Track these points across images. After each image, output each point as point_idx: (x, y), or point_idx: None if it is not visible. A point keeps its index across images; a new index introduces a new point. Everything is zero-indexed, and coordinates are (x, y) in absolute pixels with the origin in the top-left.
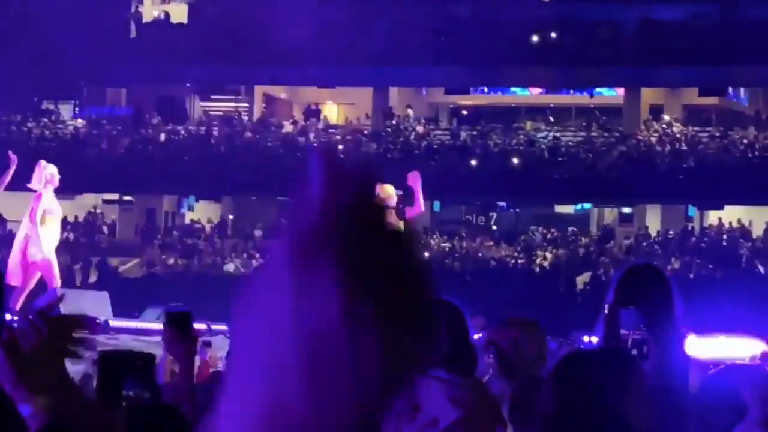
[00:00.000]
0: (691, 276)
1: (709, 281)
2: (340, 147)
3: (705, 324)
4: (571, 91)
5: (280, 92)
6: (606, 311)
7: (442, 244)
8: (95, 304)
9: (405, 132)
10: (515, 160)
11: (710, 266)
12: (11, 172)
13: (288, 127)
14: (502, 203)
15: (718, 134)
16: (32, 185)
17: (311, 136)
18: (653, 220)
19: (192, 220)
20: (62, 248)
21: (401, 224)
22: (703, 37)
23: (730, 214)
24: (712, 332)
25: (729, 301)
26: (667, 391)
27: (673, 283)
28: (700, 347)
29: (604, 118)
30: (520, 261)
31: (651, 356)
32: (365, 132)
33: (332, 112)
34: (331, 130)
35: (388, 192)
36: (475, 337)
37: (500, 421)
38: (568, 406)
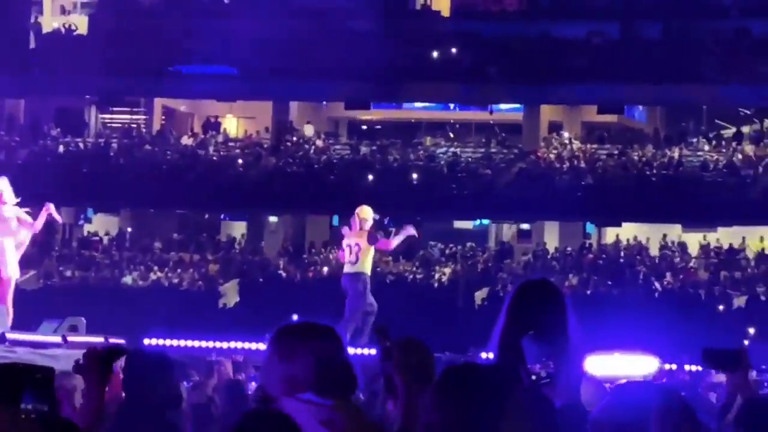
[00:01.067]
0: (589, 292)
1: (606, 298)
2: (240, 161)
3: (601, 341)
4: (471, 107)
5: (180, 105)
6: (500, 332)
7: None
8: None
9: (304, 146)
10: (415, 176)
11: (608, 283)
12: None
13: (187, 140)
14: (404, 218)
15: (616, 152)
16: None
17: (210, 149)
18: (551, 236)
19: (90, 232)
20: None
21: (368, 249)
22: (601, 54)
23: (628, 232)
24: (608, 349)
25: (625, 318)
26: (566, 410)
27: (568, 299)
28: (596, 365)
29: (504, 134)
30: (418, 276)
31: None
32: (265, 146)
33: (232, 125)
34: (230, 144)
35: (366, 214)
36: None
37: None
38: (448, 417)
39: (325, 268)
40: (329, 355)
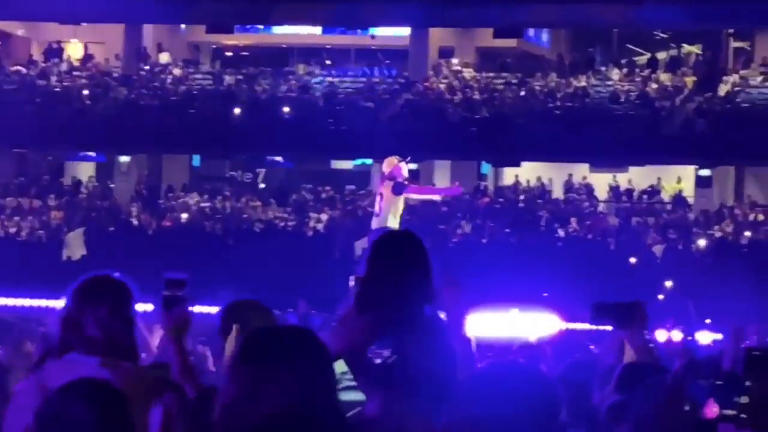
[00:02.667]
0: (484, 241)
1: (504, 247)
2: (86, 92)
3: (498, 296)
4: (351, 30)
5: (17, 29)
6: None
7: (201, 204)
8: None
9: (160, 76)
10: (286, 109)
11: (505, 230)
12: None
13: (24, 69)
14: (271, 158)
15: (515, 81)
16: None
17: (53, 79)
18: (442, 177)
19: None
20: None
21: (395, 199)
22: None
23: (528, 172)
24: (506, 304)
25: (525, 270)
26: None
27: (431, 254)
28: (489, 325)
29: (388, 61)
30: (290, 223)
31: (405, 343)
32: (114, 75)
33: (77, 51)
34: (75, 73)
35: (387, 166)
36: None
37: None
38: (248, 383)
39: (184, 215)
40: (109, 312)
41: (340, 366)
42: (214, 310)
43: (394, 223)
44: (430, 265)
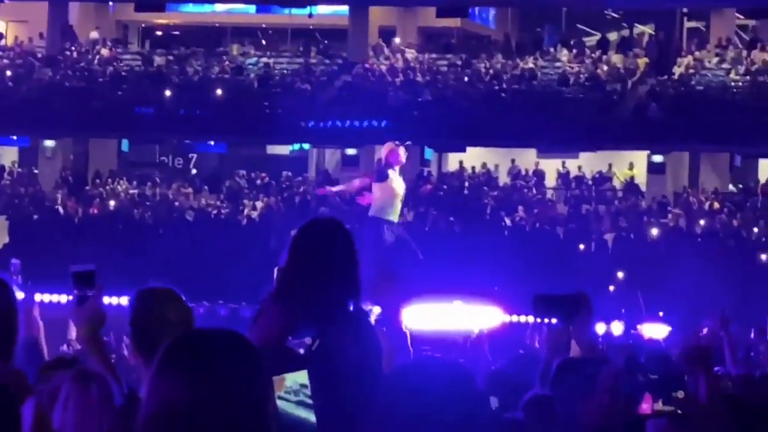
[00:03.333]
0: (426, 230)
1: (447, 236)
2: (9, 73)
3: (440, 287)
4: (287, 10)
5: None
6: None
7: (130, 191)
8: None
9: (87, 56)
10: (219, 91)
11: (449, 219)
12: None
13: None
14: (203, 143)
15: (459, 62)
16: None
17: None
18: None
19: None
20: None
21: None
22: None
23: (473, 158)
24: (448, 296)
25: (469, 260)
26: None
27: (357, 239)
28: (429, 317)
29: (326, 41)
30: (224, 211)
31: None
32: (39, 55)
33: None
34: None
35: (388, 147)
36: None
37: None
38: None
39: (112, 202)
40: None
41: (301, 377)
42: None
43: (393, 211)
44: (356, 256)
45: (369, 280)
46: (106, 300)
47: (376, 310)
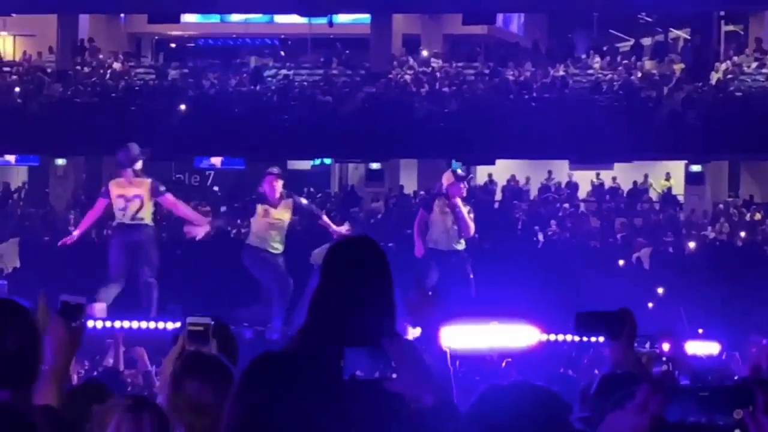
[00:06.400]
0: None
1: (478, 254)
2: (17, 89)
3: (473, 308)
4: (307, 19)
5: None
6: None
7: None
8: None
9: (99, 70)
10: (237, 105)
11: (478, 235)
12: None
13: None
14: (225, 158)
15: (487, 71)
16: None
17: None
18: (408, 178)
19: None
20: None
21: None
22: None
23: (503, 171)
24: (482, 317)
25: (500, 277)
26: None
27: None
28: (464, 337)
29: (348, 52)
30: (243, 230)
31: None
32: (49, 70)
33: (7, 45)
34: (5, 69)
35: (449, 178)
36: None
37: None
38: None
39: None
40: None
41: None
42: (162, 325)
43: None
44: (391, 275)
45: (408, 300)
46: (135, 324)
47: (415, 332)
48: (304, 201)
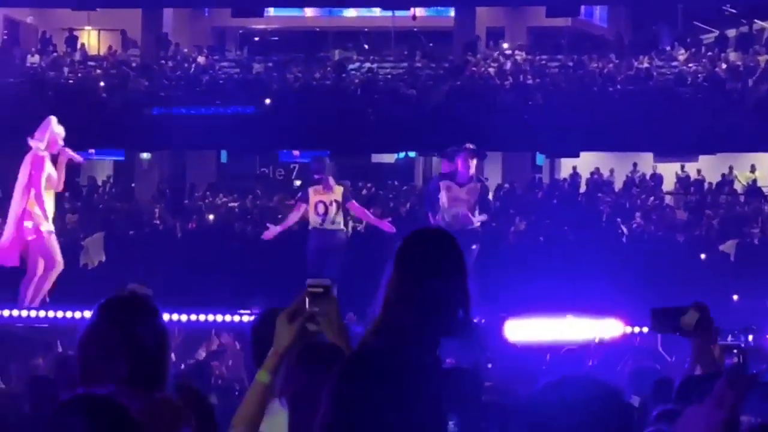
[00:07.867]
0: (541, 239)
1: (562, 246)
2: (102, 84)
3: (558, 300)
4: (390, 12)
5: (26, 15)
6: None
7: (230, 204)
8: None
9: (183, 64)
10: (321, 98)
11: (563, 227)
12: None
13: (34, 59)
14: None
15: (570, 63)
16: (34, 144)
17: (65, 70)
18: (492, 170)
19: None
20: None
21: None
22: None
23: (587, 163)
24: (562, 310)
25: (586, 269)
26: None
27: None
28: (539, 329)
29: (431, 44)
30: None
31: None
32: (134, 65)
33: (92, 39)
34: (90, 63)
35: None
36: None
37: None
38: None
39: (211, 216)
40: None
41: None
42: (246, 319)
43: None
44: (466, 265)
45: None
46: (219, 318)
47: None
48: None
